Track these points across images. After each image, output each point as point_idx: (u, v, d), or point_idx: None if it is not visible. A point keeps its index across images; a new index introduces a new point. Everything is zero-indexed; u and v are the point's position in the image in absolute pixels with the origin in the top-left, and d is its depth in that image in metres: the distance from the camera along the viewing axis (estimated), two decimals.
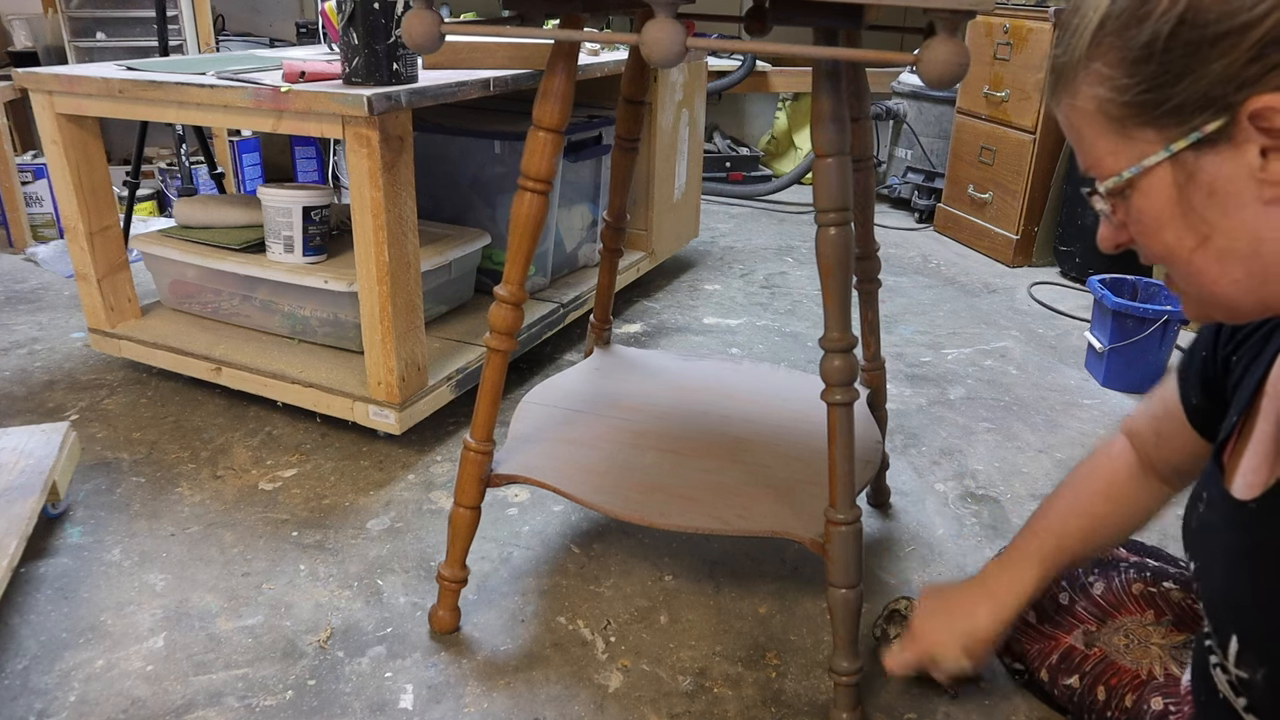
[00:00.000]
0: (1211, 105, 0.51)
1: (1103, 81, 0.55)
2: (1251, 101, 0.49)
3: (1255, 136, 0.51)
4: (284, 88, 1.29)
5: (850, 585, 0.93)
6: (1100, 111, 0.56)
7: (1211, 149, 0.52)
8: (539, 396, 1.24)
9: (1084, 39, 0.55)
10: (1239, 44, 0.49)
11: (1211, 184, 0.53)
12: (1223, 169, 0.52)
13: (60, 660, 1.06)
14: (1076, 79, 0.57)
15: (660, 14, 0.72)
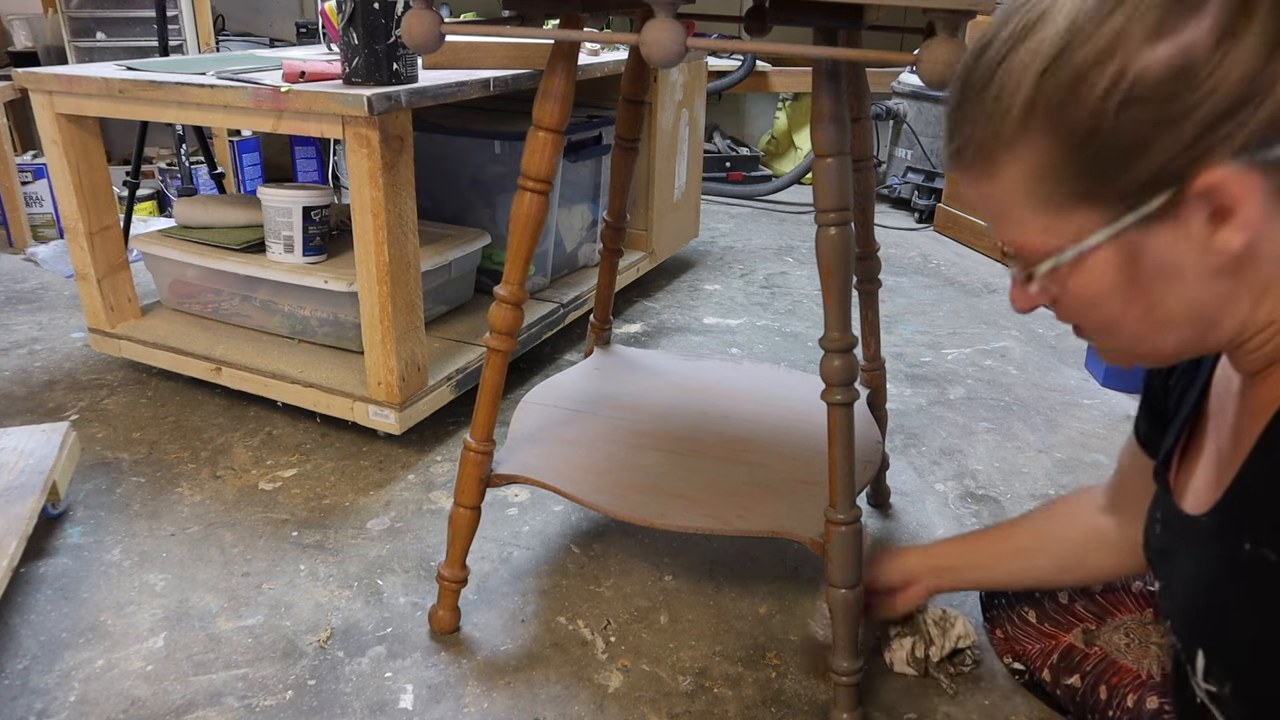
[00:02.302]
0: (1158, 183, 0.49)
1: (1034, 163, 0.52)
2: (1201, 177, 0.48)
3: (1202, 208, 0.50)
4: (284, 88, 1.29)
5: (850, 585, 0.93)
6: (1030, 192, 0.54)
7: (1157, 223, 0.51)
8: (539, 396, 1.24)
9: (1010, 119, 0.52)
10: (1186, 121, 0.47)
11: (1156, 258, 0.52)
12: (1168, 243, 0.51)
13: (60, 660, 1.06)
14: (998, 160, 0.54)
15: (660, 14, 0.72)
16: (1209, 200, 0.49)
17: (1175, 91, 0.47)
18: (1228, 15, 0.46)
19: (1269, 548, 0.55)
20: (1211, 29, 0.46)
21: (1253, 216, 0.49)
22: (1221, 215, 0.49)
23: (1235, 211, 0.49)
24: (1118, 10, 0.48)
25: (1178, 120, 0.47)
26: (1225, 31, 0.46)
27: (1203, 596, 0.65)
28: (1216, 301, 0.54)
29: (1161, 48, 0.47)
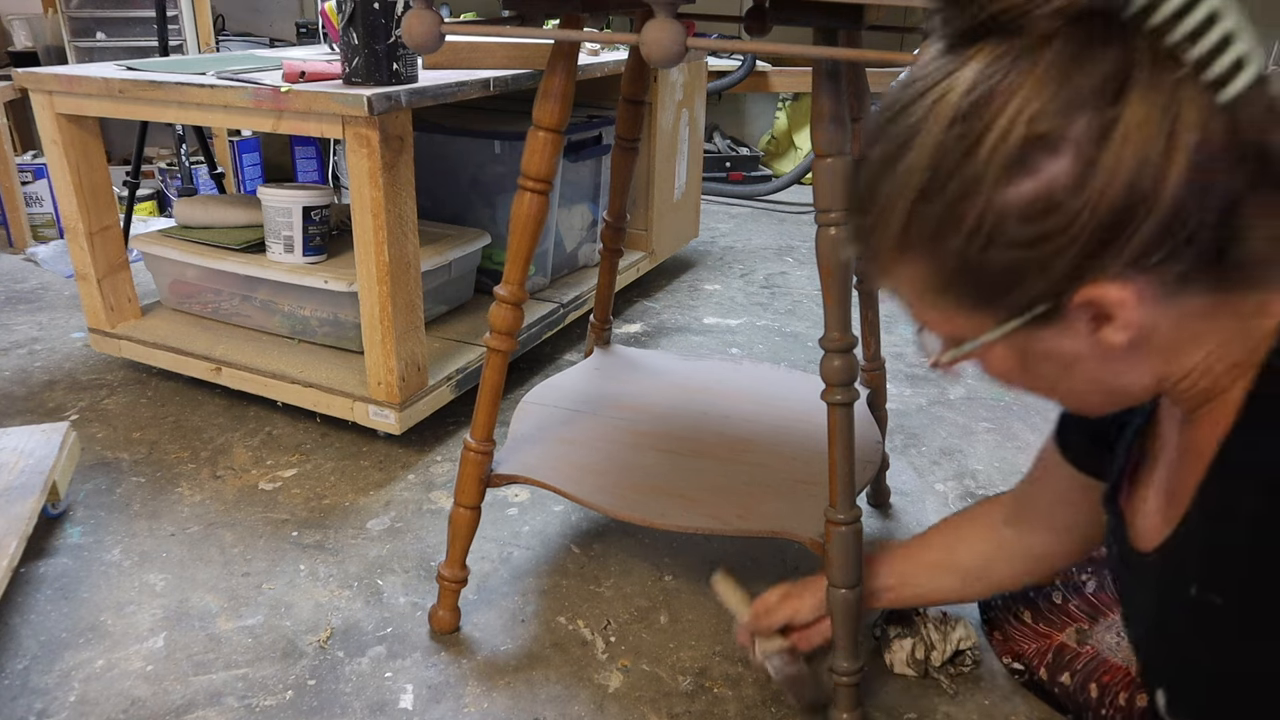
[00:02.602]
0: (1037, 301, 0.51)
1: (920, 280, 0.54)
2: (1076, 295, 0.50)
3: (1084, 315, 0.51)
4: (284, 88, 1.29)
5: (850, 585, 0.93)
6: (922, 297, 0.55)
7: (1044, 327, 0.52)
8: (539, 396, 1.24)
9: (889, 243, 0.53)
10: (1055, 253, 0.48)
11: (1048, 352, 0.54)
12: (1058, 341, 0.53)
13: (60, 660, 1.06)
14: (890, 271, 0.55)
15: (660, 14, 0.72)
16: (1089, 309, 0.51)
17: (1041, 228, 0.48)
18: (1086, 150, 0.46)
19: (1214, 592, 0.55)
20: (1071, 165, 0.46)
21: (1132, 319, 0.50)
22: (1103, 320, 0.51)
23: (1115, 317, 0.50)
24: (978, 147, 0.48)
25: (1046, 253, 0.48)
26: (1085, 166, 0.46)
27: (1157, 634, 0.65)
28: (1122, 375, 0.56)
29: (1024, 186, 0.47)
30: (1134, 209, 0.46)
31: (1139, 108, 0.45)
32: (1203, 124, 0.46)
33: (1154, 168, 0.45)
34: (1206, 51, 0.45)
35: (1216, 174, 0.46)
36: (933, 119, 0.49)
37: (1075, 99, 0.46)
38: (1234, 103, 0.46)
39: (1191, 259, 0.48)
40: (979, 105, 0.47)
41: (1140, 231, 0.47)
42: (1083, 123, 0.46)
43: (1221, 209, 0.47)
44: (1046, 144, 0.46)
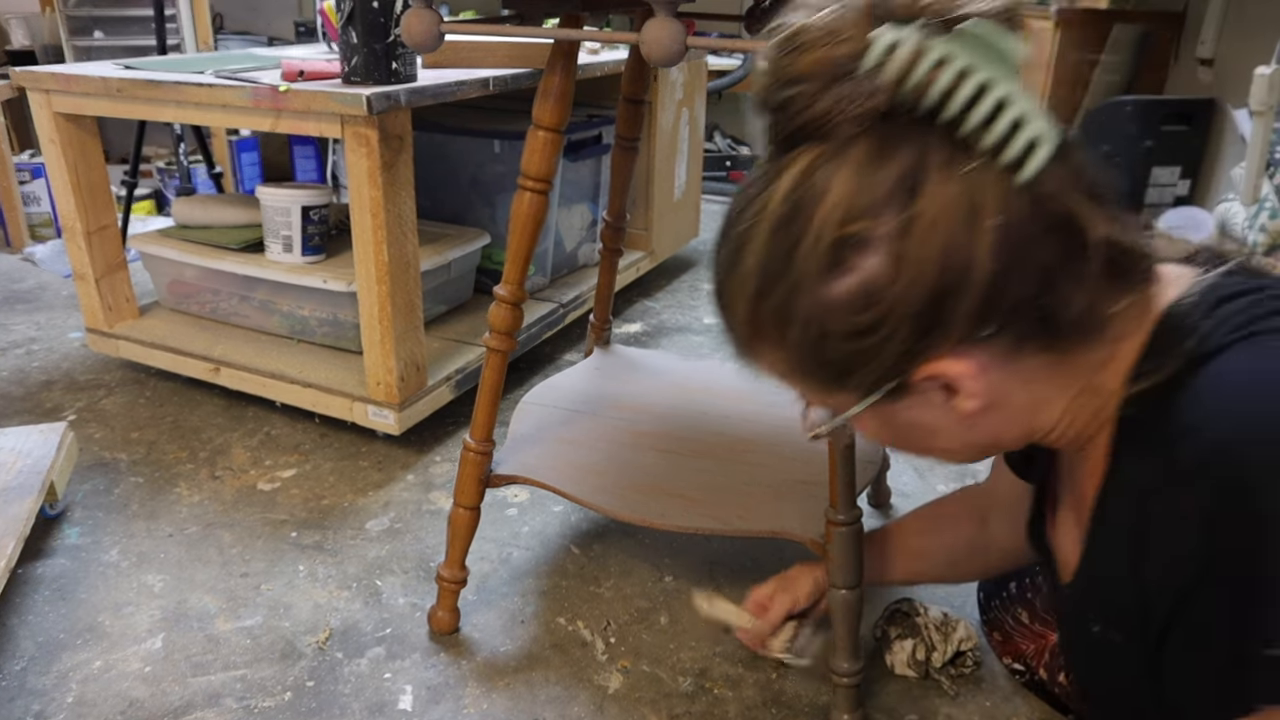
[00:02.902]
0: (882, 380, 0.53)
1: (775, 365, 0.57)
2: (917, 373, 0.52)
3: (932, 387, 0.54)
4: (282, 87, 1.28)
5: (851, 586, 0.93)
6: (784, 376, 0.58)
7: (899, 400, 0.55)
8: (539, 396, 1.24)
9: (739, 330, 0.57)
10: (886, 339, 0.51)
11: (910, 421, 0.58)
12: (915, 410, 0.56)
13: (58, 661, 1.05)
14: (747, 355, 0.58)
15: (660, 13, 0.72)
16: (935, 382, 0.53)
17: (867, 319, 0.51)
18: (894, 245, 0.49)
19: (1115, 630, 0.57)
20: (883, 260, 0.49)
21: (977, 388, 0.53)
22: (952, 390, 0.54)
23: (959, 388, 0.53)
24: (796, 252, 0.51)
25: (877, 340, 0.51)
26: (896, 260, 0.49)
27: (1082, 667, 0.66)
28: (987, 434, 0.58)
29: (843, 283, 0.50)
30: (950, 292, 0.49)
31: (937, 200, 0.48)
32: (1004, 206, 0.48)
33: (961, 253, 0.48)
34: (999, 138, 0.48)
35: (1027, 249, 0.49)
36: (759, 225, 0.52)
37: (878, 198, 0.48)
38: (1034, 181, 0.48)
39: (1021, 327, 0.51)
40: (793, 212, 0.50)
41: (961, 311, 0.49)
42: (888, 219, 0.48)
43: (1039, 279, 0.50)
44: (856, 244, 0.49)
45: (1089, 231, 0.50)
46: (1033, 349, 0.53)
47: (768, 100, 0.52)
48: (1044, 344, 0.53)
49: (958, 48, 0.48)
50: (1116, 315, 0.53)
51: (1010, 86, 0.48)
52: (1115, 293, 0.53)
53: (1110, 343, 0.55)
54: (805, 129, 0.50)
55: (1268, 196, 1.97)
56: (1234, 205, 2.08)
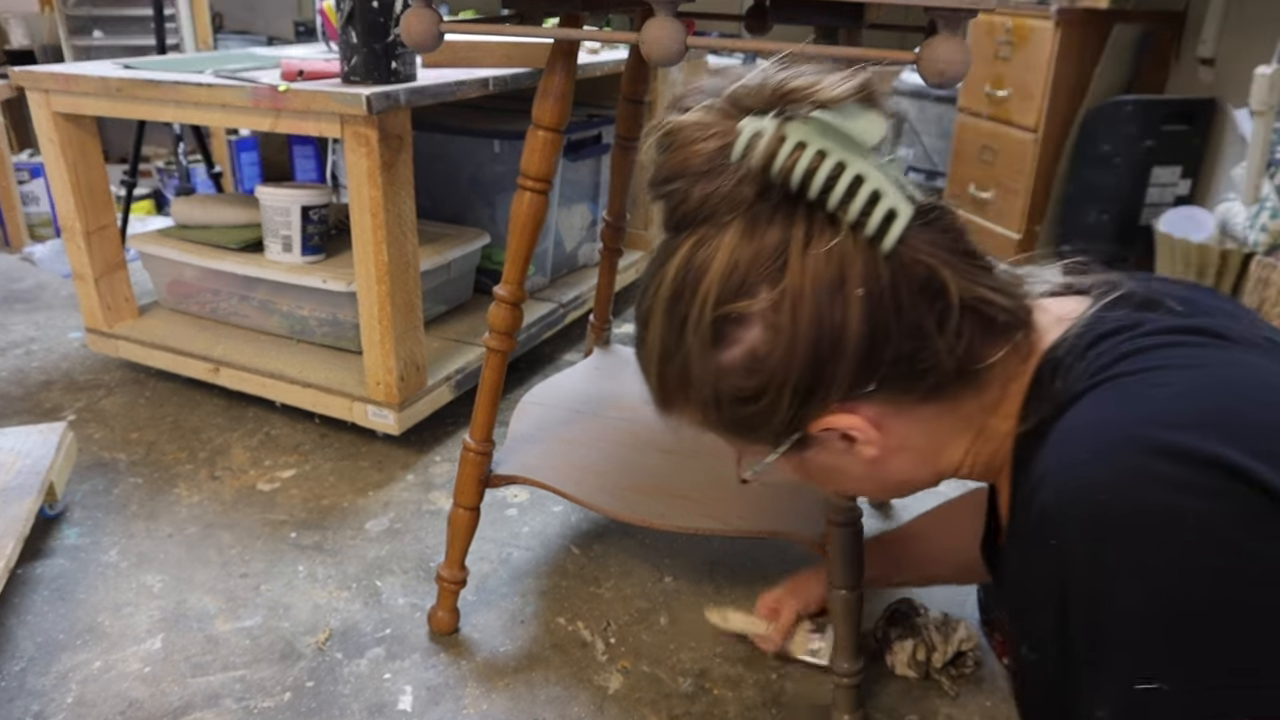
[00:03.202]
0: (784, 435, 0.58)
1: (691, 418, 0.62)
2: (813, 426, 0.57)
3: (831, 437, 0.58)
4: (282, 86, 1.28)
5: (851, 586, 0.93)
6: (702, 430, 0.62)
7: (805, 448, 0.60)
8: (538, 396, 1.24)
9: (655, 392, 0.62)
10: (773, 400, 0.55)
11: (821, 466, 0.62)
12: (821, 457, 0.61)
13: (57, 662, 1.05)
14: (666, 413, 0.63)
15: (660, 12, 0.72)
16: (831, 433, 0.58)
17: (755, 384, 0.55)
18: (770, 318, 0.53)
19: (1030, 649, 0.58)
20: (762, 332, 0.54)
21: (872, 436, 0.57)
22: (849, 439, 0.58)
23: (855, 438, 0.57)
24: (685, 328, 0.56)
25: (769, 402, 0.55)
26: (773, 331, 0.53)
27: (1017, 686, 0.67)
28: (896, 474, 0.62)
29: (729, 355, 0.55)
30: (827, 357, 0.53)
31: (805, 274, 0.52)
32: (868, 275, 0.52)
33: (833, 321, 0.52)
34: (859, 213, 0.52)
35: (896, 312, 0.53)
36: (656, 304, 0.57)
37: (750, 276, 0.53)
38: (896, 249, 0.52)
39: (901, 381, 0.55)
40: (679, 293, 0.55)
41: (840, 372, 0.54)
42: (761, 295, 0.53)
43: (912, 337, 0.54)
44: (736, 319, 0.54)
45: (955, 290, 0.54)
46: (917, 399, 0.57)
47: (655, 193, 0.57)
48: (927, 394, 0.57)
49: (814, 132, 0.52)
50: (997, 363, 0.56)
51: (865, 164, 0.52)
52: (990, 343, 0.56)
53: (997, 386, 0.58)
54: (687, 217, 0.55)
55: (1268, 196, 1.97)
56: (1235, 205, 2.08)
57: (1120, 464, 0.47)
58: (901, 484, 0.65)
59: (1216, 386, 0.50)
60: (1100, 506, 0.47)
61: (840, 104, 0.54)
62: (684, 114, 0.55)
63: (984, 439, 0.61)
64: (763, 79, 0.55)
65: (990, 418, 0.60)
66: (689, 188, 0.54)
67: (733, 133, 0.53)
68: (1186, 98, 2.40)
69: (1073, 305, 0.60)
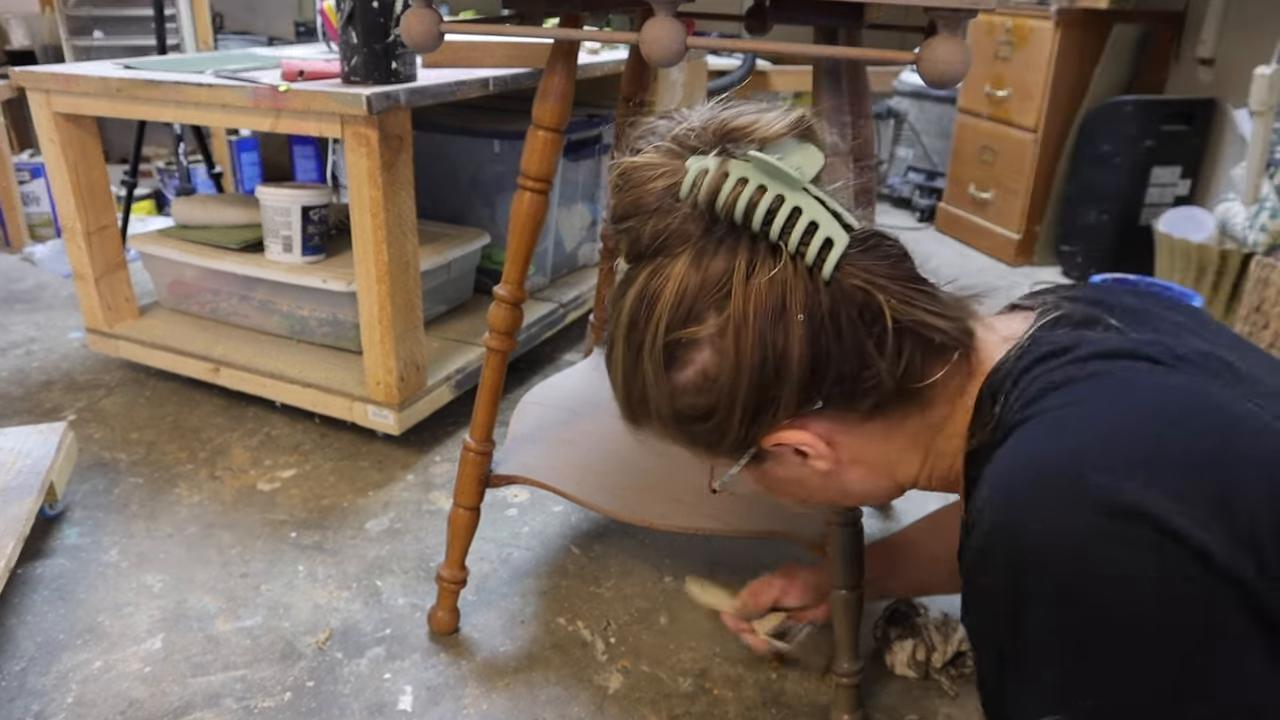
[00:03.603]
0: (740, 449, 0.62)
1: (657, 435, 0.65)
2: (764, 441, 0.60)
3: (785, 451, 0.61)
4: (282, 87, 1.28)
5: (851, 586, 0.93)
6: (670, 446, 0.66)
7: (762, 462, 0.63)
8: (538, 396, 1.24)
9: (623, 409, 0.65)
10: (724, 418, 0.59)
11: (780, 478, 0.65)
12: (779, 469, 0.64)
13: (57, 662, 1.05)
14: (635, 430, 0.66)
15: (660, 13, 0.72)
16: (784, 448, 0.61)
17: (707, 402, 0.59)
18: (718, 343, 0.57)
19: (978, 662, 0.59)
20: (711, 355, 0.57)
21: (822, 450, 0.61)
22: (802, 454, 0.61)
23: (807, 452, 0.61)
24: (642, 352, 0.59)
25: (721, 419, 0.59)
26: (721, 354, 0.57)
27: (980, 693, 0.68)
28: (855, 486, 0.65)
29: (682, 376, 0.59)
30: (773, 376, 0.57)
31: (749, 301, 0.56)
32: (809, 301, 0.55)
33: (775, 344, 0.56)
34: (798, 242, 0.55)
35: (837, 334, 0.56)
36: (617, 330, 0.62)
37: (698, 305, 0.57)
38: (835, 275, 0.56)
39: (847, 398, 0.58)
40: (635, 320, 0.59)
41: (786, 391, 0.57)
42: (710, 321, 0.57)
43: (853, 358, 0.57)
44: (687, 344, 0.58)
45: (893, 313, 0.57)
46: (863, 416, 0.60)
47: (614, 229, 0.61)
48: (872, 411, 0.60)
49: (754, 168, 0.56)
50: (939, 381, 0.59)
51: (803, 196, 0.56)
52: (930, 363, 0.59)
53: (944, 404, 0.61)
54: (643, 251, 0.59)
55: (1268, 196, 1.97)
56: (1234, 205, 2.08)
57: (1046, 511, 0.49)
58: (861, 495, 0.68)
59: (1139, 422, 0.51)
60: (1026, 554, 0.49)
61: (778, 140, 0.58)
62: (635, 155, 0.60)
63: (936, 454, 0.64)
64: (706, 119, 0.59)
65: (939, 435, 0.63)
66: (642, 224, 0.59)
67: (680, 171, 0.58)
68: (1186, 98, 2.40)
69: (1018, 324, 0.63)
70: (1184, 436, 0.50)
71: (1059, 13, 2.35)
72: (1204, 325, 0.63)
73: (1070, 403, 0.53)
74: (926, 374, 0.59)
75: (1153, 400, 0.52)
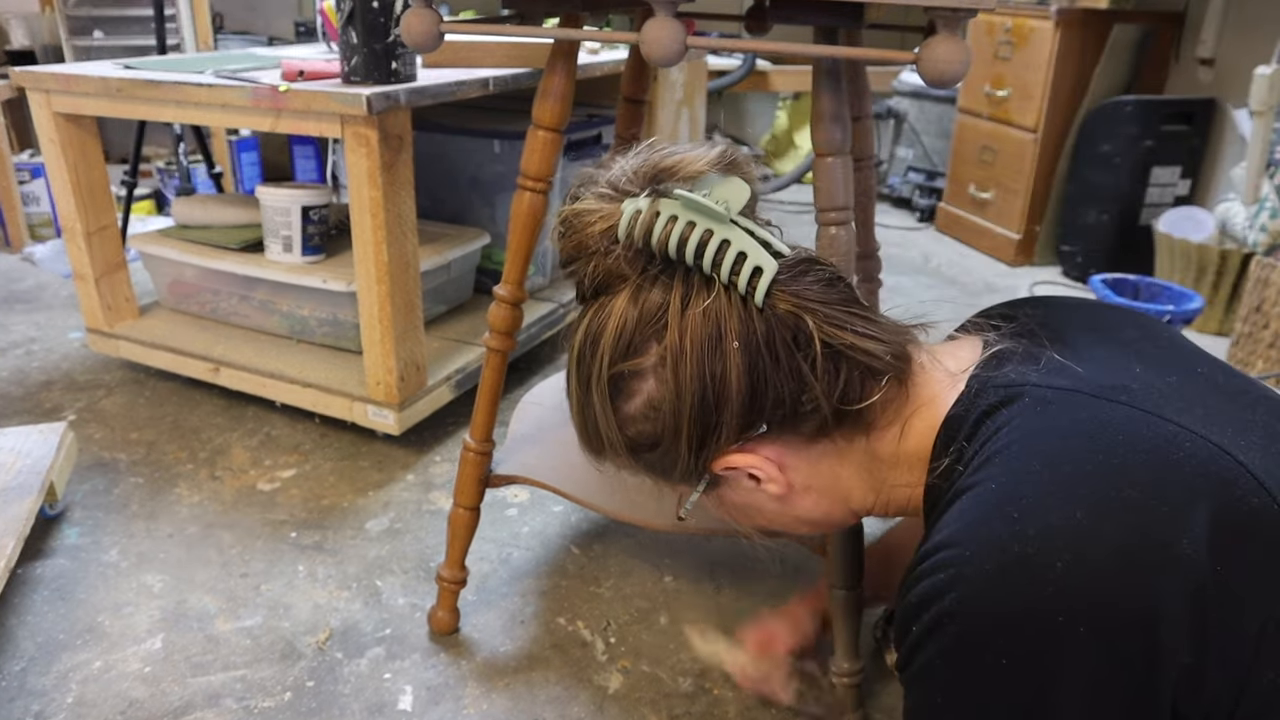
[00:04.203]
0: (693, 476, 0.64)
1: (616, 463, 0.67)
2: (715, 465, 0.62)
3: (739, 476, 0.63)
4: (282, 87, 1.28)
5: (851, 586, 0.93)
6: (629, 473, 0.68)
7: (717, 488, 0.65)
8: (538, 396, 1.24)
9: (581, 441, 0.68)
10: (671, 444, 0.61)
11: (737, 504, 0.67)
12: (736, 494, 0.66)
13: (58, 662, 1.05)
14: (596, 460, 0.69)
15: (660, 13, 0.72)
16: (736, 473, 0.63)
17: (654, 430, 0.61)
18: (660, 372, 0.59)
19: None
20: (655, 384, 0.60)
21: (773, 474, 0.62)
22: (754, 478, 0.63)
23: (759, 477, 0.63)
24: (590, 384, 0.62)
25: (668, 446, 0.61)
26: (663, 383, 0.59)
27: None
28: (812, 511, 0.66)
29: (629, 407, 0.61)
30: (714, 402, 0.59)
31: (685, 332, 0.58)
32: (743, 330, 0.58)
33: (714, 372, 0.58)
34: (729, 272, 0.58)
35: (773, 359, 0.58)
36: (570, 364, 0.64)
37: (637, 336, 0.59)
38: (766, 303, 0.58)
39: (789, 422, 0.60)
40: (583, 353, 0.62)
41: (728, 416, 0.59)
42: (651, 353, 0.59)
43: (791, 382, 0.58)
44: (630, 375, 0.60)
45: (824, 338, 0.58)
46: (807, 439, 0.62)
47: (564, 273, 0.64)
48: (816, 434, 0.61)
49: (682, 205, 0.58)
50: (877, 404, 0.61)
51: (731, 228, 0.58)
52: (867, 385, 0.60)
53: (888, 430, 0.63)
54: (587, 291, 0.63)
55: (1268, 196, 1.97)
56: (1234, 205, 2.08)
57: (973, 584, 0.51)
58: (817, 521, 0.69)
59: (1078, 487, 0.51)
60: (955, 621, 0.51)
61: (704, 176, 0.61)
62: (575, 202, 0.63)
63: (890, 487, 0.65)
64: (637, 163, 0.62)
65: (890, 470, 0.64)
66: (585, 266, 0.62)
67: (616, 214, 0.60)
68: (1186, 98, 2.40)
69: (966, 353, 0.65)
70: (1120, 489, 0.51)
71: (1059, 13, 2.35)
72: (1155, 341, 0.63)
73: (1012, 474, 0.54)
74: (865, 397, 0.61)
75: (1088, 461, 0.52)
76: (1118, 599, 0.48)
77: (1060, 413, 0.56)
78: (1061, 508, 0.50)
